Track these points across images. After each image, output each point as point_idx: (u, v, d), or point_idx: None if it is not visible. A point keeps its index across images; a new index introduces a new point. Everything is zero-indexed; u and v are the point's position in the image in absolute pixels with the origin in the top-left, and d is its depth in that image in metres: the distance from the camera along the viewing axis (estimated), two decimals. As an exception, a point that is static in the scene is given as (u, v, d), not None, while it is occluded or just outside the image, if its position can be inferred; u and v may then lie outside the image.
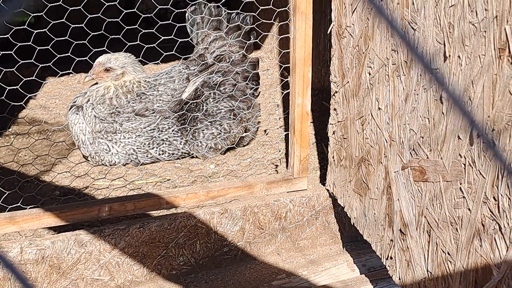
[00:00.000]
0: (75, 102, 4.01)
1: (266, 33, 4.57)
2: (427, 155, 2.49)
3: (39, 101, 5.01)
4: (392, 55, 2.67)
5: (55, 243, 3.08)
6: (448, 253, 2.43)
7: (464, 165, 2.27)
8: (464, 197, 2.29)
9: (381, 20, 2.67)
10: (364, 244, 3.50)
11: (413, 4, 2.48)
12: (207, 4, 4.43)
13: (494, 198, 2.13)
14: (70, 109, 4.01)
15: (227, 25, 4.39)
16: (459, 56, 2.22)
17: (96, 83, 4.02)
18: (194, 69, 4.20)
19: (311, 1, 3.23)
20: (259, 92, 4.47)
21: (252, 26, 4.36)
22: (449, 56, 2.27)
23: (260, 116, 4.44)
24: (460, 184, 2.31)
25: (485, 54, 2.09)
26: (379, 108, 2.83)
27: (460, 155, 2.29)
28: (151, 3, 3.91)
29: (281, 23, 4.39)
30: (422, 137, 2.51)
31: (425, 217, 2.55)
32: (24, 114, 4.66)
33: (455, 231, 2.37)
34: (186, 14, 4.52)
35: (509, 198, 2.07)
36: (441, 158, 2.40)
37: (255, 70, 4.32)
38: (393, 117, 2.71)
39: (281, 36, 4.09)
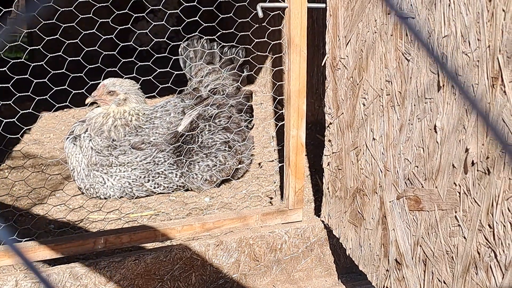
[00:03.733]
0: (73, 130, 4.01)
1: (260, 66, 4.61)
2: (422, 184, 2.51)
3: (34, 135, 5.03)
4: (386, 86, 2.70)
5: (50, 276, 3.06)
6: (444, 282, 2.43)
7: (459, 193, 2.29)
8: (459, 225, 2.30)
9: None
10: (359, 276, 3.50)
11: (406, 35, 2.51)
12: (200, 39, 4.48)
13: (489, 225, 2.15)
14: (67, 138, 4.01)
15: (220, 59, 4.43)
16: (453, 86, 2.25)
17: (98, 106, 4.02)
18: (189, 102, 4.23)
19: (305, 34, 3.27)
20: (253, 125, 4.50)
21: (245, 59, 4.41)
22: (443, 85, 2.30)
23: (254, 148, 4.46)
24: (455, 212, 2.32)
25: (479, 83, 2.12)
26: (374, 139, 2.85)
27: (455, 183, 2.30)
28: (145, 38, 3.95)
29: (275, 56, 4.42)
30: (417, 167, 2.52)
31: (420, 246, 2.56)
32: (18, 148, 4.67)
33: (451, 260, 2.38)
34: (179, 49, 4.56)
35: (504, 226, 2.08)
36: (436, 187, 2.42)
37: (249, 103, 4.35)
38: (388, 147, 2.73)
39: (276, 69, 4.13)
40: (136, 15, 3.74)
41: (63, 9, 3.26)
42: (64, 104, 3.42)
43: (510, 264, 2.06)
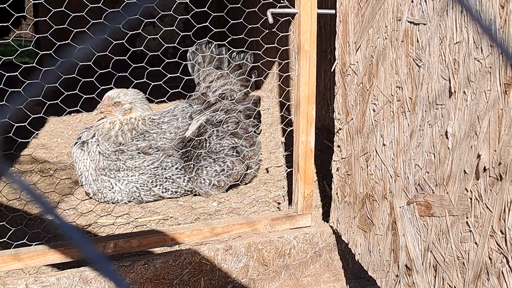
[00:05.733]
0: (80, 137, 4.03)
1: (267, 71, 4.62)
2: (433, 190, 2.51)
3: (41, 140, 5.04)
4: (396, 92, 2.71)
5: (60, 280, 3.07)
6: (455, 288, 2.44)
7: (471, 199, 2.29)
8: (470, 231, 2.31)
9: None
10: (367, 281, 3.50)
11: (417, 41, 2.52)
12: (209, 44, 4.49)
13: (501, 231, 2.15)
14: (75, 144, 4.03)
15: (229, 64, 4.44)
16: (464, 92, 2.26)
17: (104, 117, 4.04)
18: (197, 107, 4.24)
19: (315, 40, 3.28)
20: (261, 130, 4.51)
21: (253, 64, 4.42)
22: (455, 92, 2.31)
23: (261, 154, 4.47)
24: (467, 218, 2.32)
25: (491, 89, 2.13)
26: (384, 144, 2.86)
27: (466, 189, 2.31)
28: (152, 43, 3.96)
29: (283, 62, 4.44)
30: (428, 172, 2.53)
31: (431, 252, 2.56)
32: (26, 153, 4.68)
33: (462, 266, 2.38)
34: (188, 54, 4.57)
35: (516, 232, 2.09)
36: (447, 193, 2.42)
37: (257, 108, 4.37)
38: (398, 153, 2.74)
39: (285, 75, 4.14)
40: (145, 20, 3.75)
41: (74, 14, 3.27)
42: (73, 109, 3.43)
43: (523, 269, 2.07)
